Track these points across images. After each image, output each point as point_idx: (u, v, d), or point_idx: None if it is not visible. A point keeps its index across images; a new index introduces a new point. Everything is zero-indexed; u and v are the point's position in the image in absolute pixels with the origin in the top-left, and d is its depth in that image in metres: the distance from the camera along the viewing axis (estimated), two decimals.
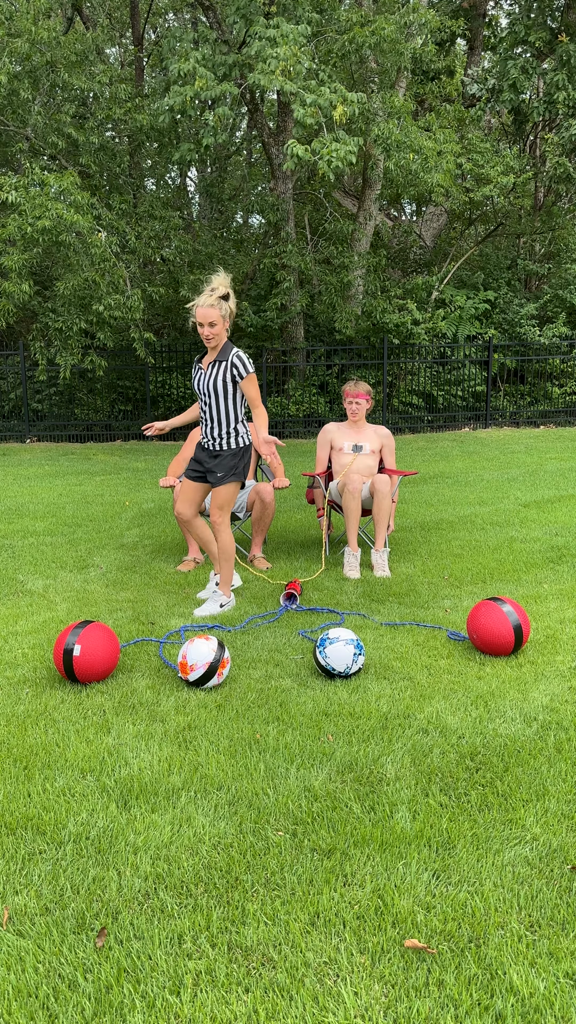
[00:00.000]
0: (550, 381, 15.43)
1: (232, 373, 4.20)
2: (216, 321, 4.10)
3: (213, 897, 2.05)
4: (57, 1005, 1.73)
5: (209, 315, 4.09)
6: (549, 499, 7.54)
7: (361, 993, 1.74)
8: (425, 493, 8.17)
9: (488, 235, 16.76)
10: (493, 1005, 1.70)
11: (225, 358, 4.21)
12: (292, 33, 9.82)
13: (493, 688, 3.29)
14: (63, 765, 2.72)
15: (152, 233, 13.17)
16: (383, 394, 14.48)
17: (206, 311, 4.09)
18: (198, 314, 4.12)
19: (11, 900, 2.06)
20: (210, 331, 4.14)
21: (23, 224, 10.80)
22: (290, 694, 3.27)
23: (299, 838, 2.29)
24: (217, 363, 4.22)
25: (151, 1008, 1.72)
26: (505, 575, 4.98)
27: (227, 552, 4.37)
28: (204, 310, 4.09)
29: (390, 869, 2.14)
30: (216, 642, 3.35)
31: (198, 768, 2.68)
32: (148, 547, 5.95)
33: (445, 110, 14.60)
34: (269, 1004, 1.72)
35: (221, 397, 4.24)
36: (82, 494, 8.63)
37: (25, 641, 3.95)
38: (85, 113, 12.98)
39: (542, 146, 15.43)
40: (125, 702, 3.22)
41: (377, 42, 10.89)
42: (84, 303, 12.25)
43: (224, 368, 4.21)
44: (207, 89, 10.24)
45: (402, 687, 3.32)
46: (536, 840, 2.25)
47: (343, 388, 5.53)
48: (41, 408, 14.96)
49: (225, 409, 4.26)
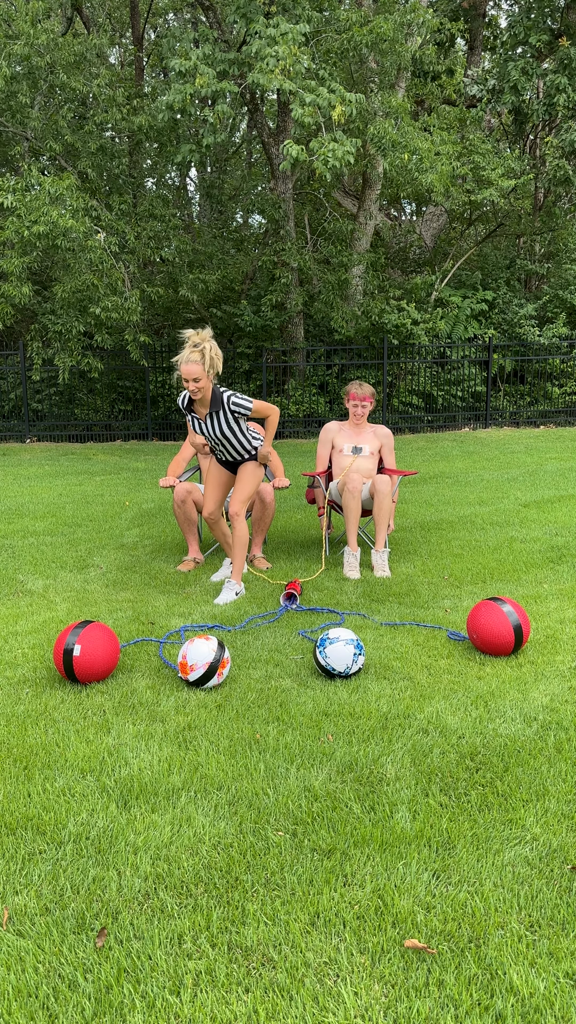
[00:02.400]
0: (550, 381, 15.44)
1: (237, 415, 4.40)
2: (200, 376, 4.21)
3: (213, 897, 2.05)
4: (57, 1005, 1.73)
5: (193, 371, 4.20)
6: (549, 499, 7.54)
7: (361, 993, 1.74)
8: (425, 493, 8.17)
9: (488, 235, 16.77)
10: (493, 1005, 1.70)
11: (221, 407, 4.36)
12: (292, 32, 9.83)
13: (493, 688, 3.29)
14: (63, 765, 2.72)
15: (151, 233, 13.16)
16: (383, 394, 14.48)
17: (190, 368, 4.20)
18: (183, 371, 4.24)
19: (11, 900, 2.06)
20: (195, 386, 4.25)
21: (20, 227, 10.80)
22: (290, 694, 3.27)
23: (299, 838, 2.29)
24: (214, 413, 4.38)
25: (151, 1008, 1.72)
26: (505, 575, 4.98)
27: (243, 542, 4.60)
28: (188, 367, 4.20)
29: (390, 869, 2.14)
30: (216, 642, 3.35)
31: (198, 768, 2.68)
32: (148, 547, 5.95)
33: (445, 111, 14.60)
34: (269, 1004, 1.72)
35: (232, 437, 4.49)
36: (82, 494, 8.63)
37: (25, 641, 3.95)
38: (84, 114, 12.98)
39: (542, 147, 15.43)
40: (125, 702, 3.22)
41: (375, 41, 10.90)
42: (82, 305, 12.25)
43: (224, 415, 4.39)
44: (207, 86, 10.24)
45: (402, 687, 3.32)
46: (536, 840, 2.25)
47: (347, 390, 5.51)
48: (41, 408, 14.97)
49: (240, 443, 4.54)
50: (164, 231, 13.46)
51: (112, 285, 12.02)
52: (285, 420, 14.41)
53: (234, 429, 4.46)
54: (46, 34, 11.38)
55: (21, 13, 11.51)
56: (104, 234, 11.99)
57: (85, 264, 11.74)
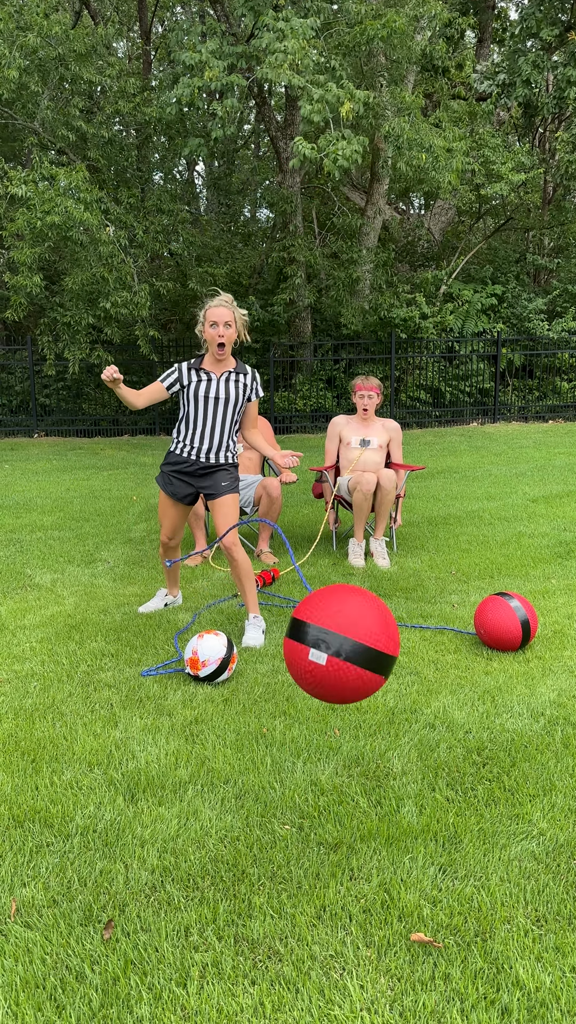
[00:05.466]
0: (559, 376, 15.37)
1: (251, 388, 3.98)
2: (231, 322, 3.82)
3: (220, 890, 2.06)
4: (64, 996, 1.74)
5: (224, 315, 3.80)
6: (558, 494, 7.52)
7: (367, 986, 1.74)
8: (433, 488, 8.16)
9: (497, 229, 16.70)
10: (499, 999, 1.70)
11: (245, 371, 3.96)
12: (301, 27, 9.78)
13: (500, 683, 3.28)
14: (71, 758, 2.73)
15: (160, 227, 13.16)
16: (391, 389, 14.44)
17: (220, 311, 3.81)
18: (214, 314, 3.81)
19: (19, 892, 2.07)
20: (225, 331, 3.82)
21: (32, 219, 10.80)
22: (297, 688, 3.28)
23: (306, 832, 2.29)
24: (235, 373, 3.94)
25: (158, 1000, 1.72)
26: (513, 570, 4.97)
27: (248, 571, 3.90)
28: (219, 310, 3.81)
29: (396, 863, 2.14)
30: (225, 637, 3.36)
31: (205, 762, 2.68)
32: (155, 542, 5.96)
33: (455, 106, 14.52)
34: (275, 997, 1.72)
35: (230, 409, 3.94)
36: (90, 489, 8.65)
37: (33, 635, 3.97)
38: (93, 107, 12.97)
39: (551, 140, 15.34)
40: (132, 696, 3.23)
41: (388, 35, 10.83)
42: (92, 298, 12.25)
43: (241, 381, 3.95)
44: (216, 80, 10.21)
45: (409, 682, 3.32)
46: (543, 835, 2.25)
47: (353, 382, 5.52)
48: (49, 403, 14.99)
49: (227, 422, 3.95)
50: (172, 225, 13.45)
51: (121, 279, 12.02)
52: (292, 415, 14.39)
53: (238, 402, 3.95)
54: (59, 26, 11.37)
55: (31, 5, 11.49)
56: (113, 228, 11.99)
57: (95, 258, 11.73)
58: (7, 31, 11.00)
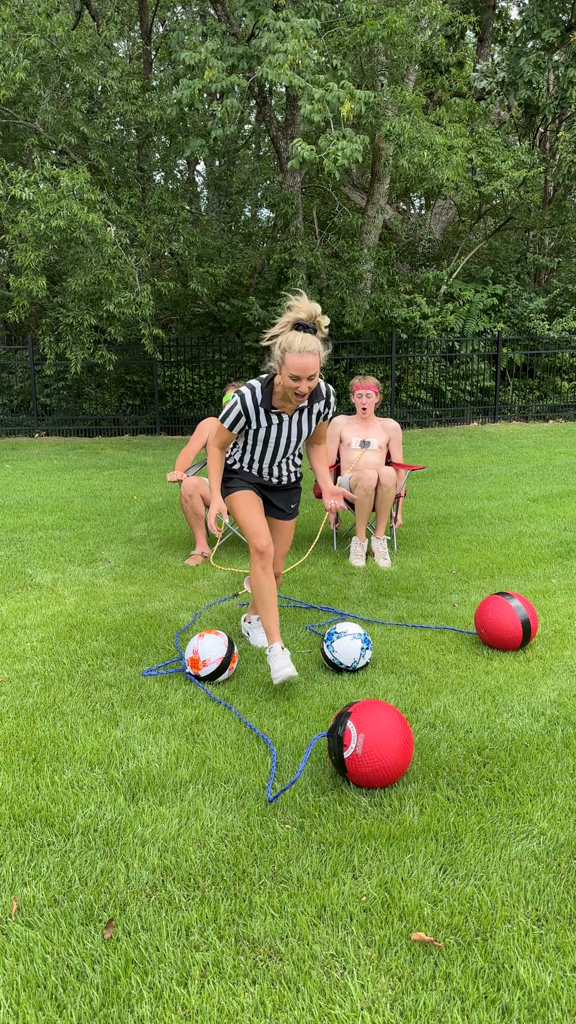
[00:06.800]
0: (559, 375, 15.38)
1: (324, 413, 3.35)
2: (316, 372, 3.02)
3: (220, 889, 2.06)
4: (65, 995, 1.74)
5: (312, 367, 2.98)
6: (558, 494, 7.52)
7: (368, 986, 1.75)
8: (433, 487, 8.16)
9: (498, 229, 16.70)
10: (500, 998, 1.70)
11: (319, 395, 3.27)
12: (301, 27, 9.78)
13: (501, 683, 3.28)
14: (71, 758, 2.73)
15: (161, 227, 13.16)
16: (391, 388, 14.45)
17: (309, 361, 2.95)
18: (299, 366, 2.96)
19: (20, 891, 2.07)
20: (309, 385, 3.03)
21: (35, 221, 10.80)
22: (297, 688, 3.28)
23: (306, 831, 2.29)
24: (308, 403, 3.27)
25: (159, 999, 1.73)
26: (513, 570, 4.97)
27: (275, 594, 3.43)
28: (307, 359, 2.95)
29: (397, 863, 2.14)
30: (226, 637, 3.36)
31: (206, 761, 2.68)
32: (156, 541, 5.96)
33: (455, 104, 14.52)
34: (276, 996, 1.73)
35: (301, 442, 3.41)
36: (90, 488, 8.65)
37: (34, 634, 3.97)
38: (94, 108, 12.97)
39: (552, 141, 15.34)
40: (133, 695, 3.23)
41: (388, 35, 10.83)
42: (95, 299, 12.25)
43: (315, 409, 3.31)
44: (216, 80, 10.21)
45: (409, 681, 3.32)
46: (543, 834, 2.25)
47: (352, 382, 5.53)
48: (49, 403, 15.00)
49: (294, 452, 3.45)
50: (173, 225, 13.45)
51: (124, 280, 12.02)
52: None
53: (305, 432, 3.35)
54: (61, 27, 11.36)
55: (33, 6, 11.49)
56: (115, 228, 11.98)
57: (98, 259, 11.73)
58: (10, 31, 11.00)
